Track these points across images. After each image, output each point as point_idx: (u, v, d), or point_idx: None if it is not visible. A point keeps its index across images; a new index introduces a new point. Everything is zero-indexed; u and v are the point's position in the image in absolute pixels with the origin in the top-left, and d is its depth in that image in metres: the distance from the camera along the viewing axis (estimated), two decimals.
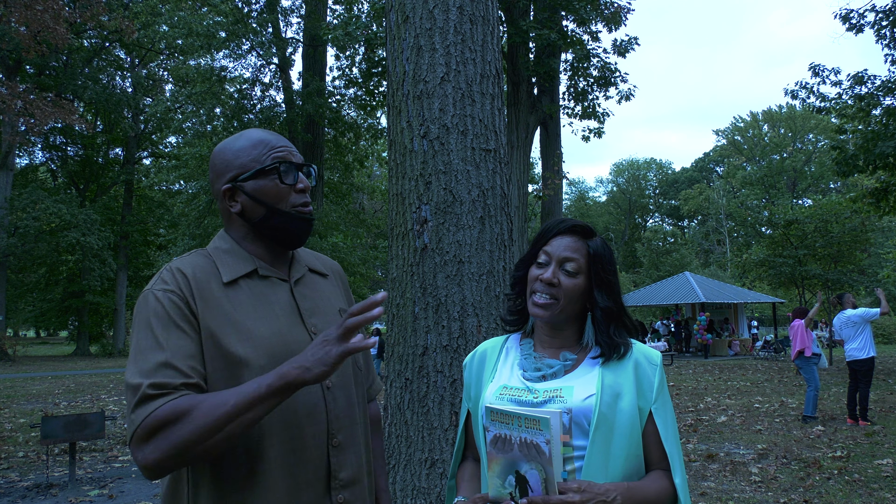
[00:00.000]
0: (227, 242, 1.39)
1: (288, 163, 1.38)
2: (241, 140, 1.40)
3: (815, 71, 14.51)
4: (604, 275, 1.44)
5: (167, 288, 1.26)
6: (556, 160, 16.12)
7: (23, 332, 59.84)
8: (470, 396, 1.57)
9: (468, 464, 1.59)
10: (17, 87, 13.54)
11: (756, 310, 38.46)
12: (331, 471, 1.32)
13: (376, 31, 14.52)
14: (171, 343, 1.20)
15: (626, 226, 64.33)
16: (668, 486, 1.38)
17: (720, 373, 17.20)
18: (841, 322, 8.81)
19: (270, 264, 1.40)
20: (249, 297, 1.32)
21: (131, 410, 1.15)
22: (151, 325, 1.22)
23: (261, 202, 1.35)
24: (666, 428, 1.39)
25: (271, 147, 1.38)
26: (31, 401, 12.73)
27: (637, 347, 1.46)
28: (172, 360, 1.18)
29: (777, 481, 5.84)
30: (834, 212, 19.79)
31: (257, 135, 1.40)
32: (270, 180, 1.36)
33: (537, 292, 1.44)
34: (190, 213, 23.28)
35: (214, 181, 1.40)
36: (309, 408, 1.30)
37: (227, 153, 1.39)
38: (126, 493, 5.79)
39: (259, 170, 1.35)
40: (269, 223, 1.36)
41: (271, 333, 1.29)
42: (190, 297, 1.26)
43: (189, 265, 1.32)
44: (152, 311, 1.23)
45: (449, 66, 2.77)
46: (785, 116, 55.79)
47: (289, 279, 1.41)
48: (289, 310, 1.36)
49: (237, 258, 1.36)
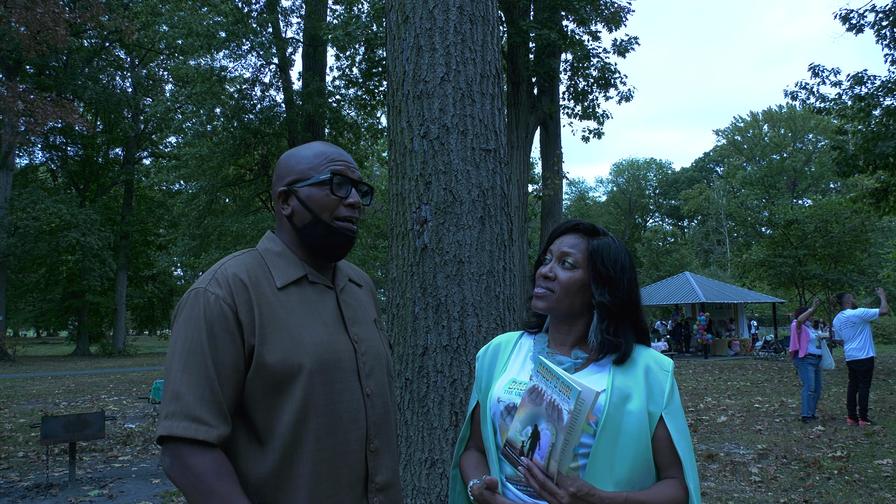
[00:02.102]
0: (277, 245, 1.43)
1: (343, 176, 1.41)
2: (306, 149, 1.46)
3: (815, 71, 14.52)
4: (604, 270, 1.44)
5: (220, 294, 1.28)
6: (556, 160, 16.12)
7: (23, 332, 59.85)
8: (480, 388, 1.59)
9: (472, 453, 1.59)
10: (17, 87, 13.53)
11: (756, 310, 38.44)
12: (368, 474, 1.37)
13: (376, 31, 14.53)
14: (220, 371, 1.24)
15: (626, 226, 64.31)
16: (681, 495, 1.36)
17: (720, 373, 17.20)
18: (840, 322, 8.81)
19: (316, 271, 1.44)
20: (300, 303, 1.36)
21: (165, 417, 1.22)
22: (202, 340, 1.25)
23: (308, 209, 1.39)
24: (678, 433, 1.38)
25: (331, 159, 1.43)
26: (31, 401, 12.72)
27: (649, 353, 1.46)
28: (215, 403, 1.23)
29: (777, 481, 5.84)
30: (834, 212, 19.80)
31: (321, 147, 1.45)
32: (323, 190, 1.40)
33: (536, 286, 1.49)
34: (190, 213, 23.26)
35: (275, 183, 1.46)
36: (352, 413, 1.35)
37: (291, 159, 1.44)
38: (126, 493, 5.79)
39: (315, 179, 1.40)
40: (312, 231, 1.40)
41: (320, 340, 1.34)
42: (243, 303, 1.28)
43: (244, 268, 1.34)
44: (204, 316, 1.26)
45: (449, 66, 2.77)
46: (785, 116, 55.77)
47: (334, 287, 1.45)
48: (335, 317, 1.41)
49: (288, 262, 1.40)
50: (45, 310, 33.95)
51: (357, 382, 1.38)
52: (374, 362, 1.44)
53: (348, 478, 1.33)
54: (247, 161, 23.76)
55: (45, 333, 66.57)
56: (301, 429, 1.27)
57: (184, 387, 1.22)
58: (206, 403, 1.22)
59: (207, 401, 1.22)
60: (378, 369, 1.45)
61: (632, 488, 1.34)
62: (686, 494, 1.36)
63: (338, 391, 1.33)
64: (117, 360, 27.36)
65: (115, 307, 31.31)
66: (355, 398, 1.36)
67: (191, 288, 1.33)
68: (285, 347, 1.28)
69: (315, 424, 1.28)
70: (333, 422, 1.31)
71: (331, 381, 1.32)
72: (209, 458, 1.20)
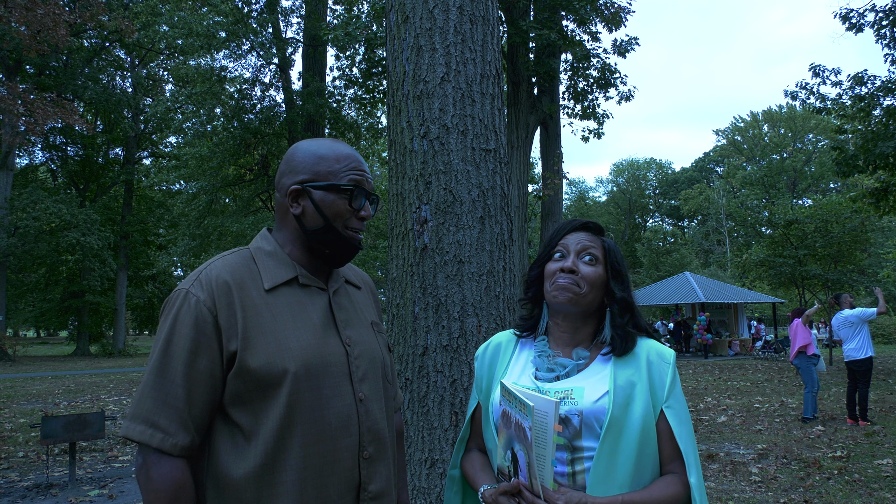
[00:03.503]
0: (269, 244, 1.39)
1: (361, 188, 1.39)
2: (324, 147, 1.40)
3: (815, 71, 14.52)
4: (619, 268, 1.48)
5: (201, 297, 1.26)
6: (556, 160, 16.11)
7: (23, 332, 59.83)
8: (481, 389, 1.56)
9: (475, 454, 1.56)
10: (17, 87, 13.54)
11: (756, 310, 38.44)
12: (361, 482, 1.33)
13: (376, 31, 14.52)
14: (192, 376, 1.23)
15: (626, 226, 64.30)
16: (680, 491, 1.33)
17: (720, 373, 17.20)
18: (839, 322, 8.81)
19: (311, 272, 1.40)
20: (288, 306, 1.33)
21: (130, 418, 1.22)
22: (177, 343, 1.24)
23: (322, 214, 1.36)
24: (679, 426, 1.36)
25: (352, 167, 1.39)
26: (31, 401, 12.72)
27: (650, 345, 1.45)
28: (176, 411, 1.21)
29: (777, 481, 5.84)
30: (834, 212, 19.77)
31: (342, 149, 1.40)
32: (340, 198, 1.37)
33: (557, 278, 1.44)
34: (190, 213, 23.26)
35: (285, 175, 1.40)
36: (342, 420, 1.31)
37: (308, 155, 1.39)
38: (126, 493, 5.79)
39: (333, 184, 1.36)
40: (322, 237, 1.37)
41: (308, 344, 1.30)
42: (225, 307, 1.26)
43: (229, 270, 1.31)
44: (182, 319, 1.25)
45: (449, 66, 2.77)
46: (785, 116, 55.76)
47: (327, 289, 1.41)
48: (325, 320, 1.37)
49: (279, 263, 1.37)
50: (45, 310, 33.93)
51: (349, 387, 1.33)
52: (369, 366, 1.40)
53: (338, 486, 1.29)
54: (247, 161, 23.76)
55: (45, 333, 66.58)
56: (286, 435, 1.24)
57: (149, 389, 1.21)
58: (167, 409, 1.20)
59: (170, 407, 1.21)
60: (373, 373, 1.40)
61: (639, 486, 1.32)
62: (686, 490, 1.33)
63: (326, 397, 1.29)
64: (117, 360, 27.35)
65: (115, 307, 31.30)
66: (346, 403, 1.32)
67: (176, 287, 1.31)
68: (270, 351, 1.25)
69: (301, 430, 1.25)
70: (321, 428, 1.27)
71: (318, 386, 1.28)
72: (170, 473, 1.20)
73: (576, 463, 1.32)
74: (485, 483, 1.43)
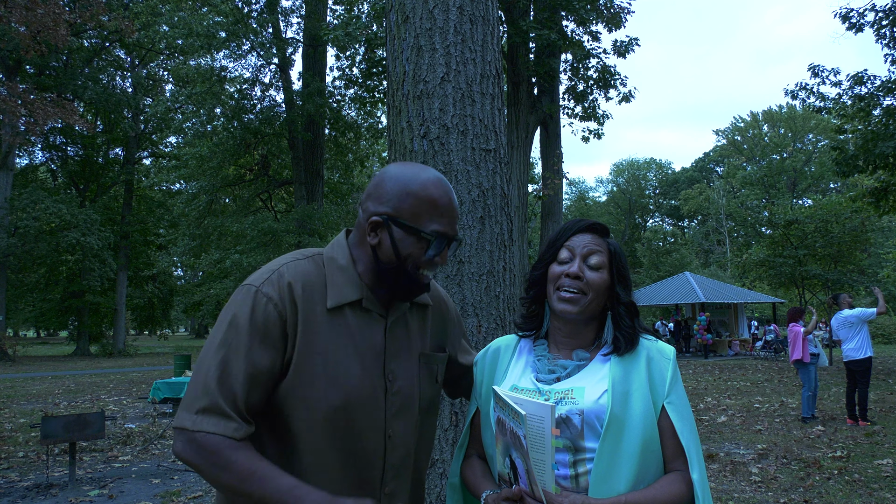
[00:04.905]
0: (344, 257, 1.36)
1: (445, 236, 1.35)
2: (416, 183, 1.34)
3: (815, 71, 14.52)
4: (623, 271, 1.46)
5: (273, 297, 1.25)
6: (556, 160, 16.11)
7: (23, 332, 59.87)
8: (480, 394, 1.55)
9: (475, 461, 1.55)
10: (17, 87, 13.54)
11: (756, 310, 38.45)
12: None
13: (376, 31, 14.53)
14: (253, 374, 1.22)
15: (626, 226, 64.30)
16: (683, 489, 1.32)
17: (720, 373, 17.20)
18: (838, 322, 8.80)
19: (376, 295, 1.38)
20: (345, 329, 1.31)
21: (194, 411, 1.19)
22: (243, 339, 1.22)
23: (397, 253, 1.32)
24: (681, 422, 1.35)
25: (440, 213, 1.33)
26: (31, 401, 12.72)
27: (650, 342, 1.44)
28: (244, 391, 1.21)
29: (777, 481, 5.84)
30: (834, 212, 19.79)
31: (433, 191, 1.33)
32: (420, 243, 1.33)
33: (563, 288, 1.42)
34: (190, 214, 23.27)
35: (371, 198, 1.35)
36: (368, 454, 1.31)
37: (397, 186, 1.33)
38: (126, 493, 5.79)
39: (415, 229, 1.31)
40: (390, 272, 1.34)
41: (353, 375, 1.29)
42: (291, 314, 1.26)
43: (300, 279, 1.30)
44: (251, 316, 1.23)
45: (449, 67, 2.77)
46: (785, 116, 55.75)
47: (387, 317, 1.39)
48: (376, 350, 1.35)
49: (347, 280, 1.34)
50: (45, 310, 33.95)
51: (382, 423, 1.33)
52: (404, 402, 1.38)
53: None
54: (247, 161, 23.78)
55: (45, 333, 66.54)
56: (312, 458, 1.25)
57: (213, 383, 1.20)
58: (232, 403, 1.20)
59: (238, 400, 1.21)
60: (406, 410, 1.39)
61: (643, 485, 1.31)
62: (690, 488, 1.32)
63: (357, 430, 1.29)
64: (117, 360, 27.35)
65: (115, 307, 31.31)
66: (375, 438, 1.32)
67: (243, 283, 1.30)
68: (316, 374, 1.26)
69: (326, 457, 1.26)
70: (346, 458, 1.28)
71: (353, 419, 1.29)
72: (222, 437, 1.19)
73: (578, 465, 1.31)
74: (487, 489, 1.43)
